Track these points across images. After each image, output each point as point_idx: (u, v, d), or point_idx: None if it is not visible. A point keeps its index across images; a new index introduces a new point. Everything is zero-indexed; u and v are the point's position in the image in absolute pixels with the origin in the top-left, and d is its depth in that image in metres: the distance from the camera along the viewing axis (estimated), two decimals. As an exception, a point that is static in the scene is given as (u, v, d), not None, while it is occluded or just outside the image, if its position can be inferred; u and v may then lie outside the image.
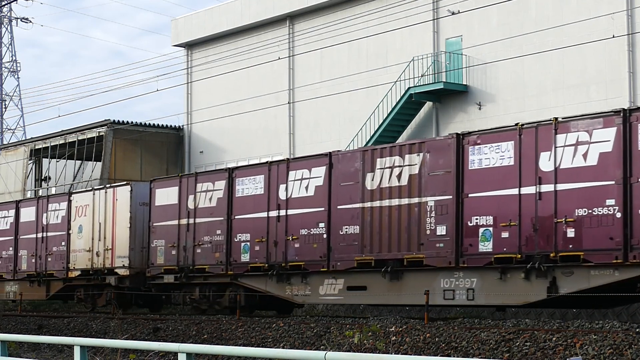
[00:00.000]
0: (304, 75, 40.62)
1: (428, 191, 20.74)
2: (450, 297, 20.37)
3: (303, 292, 23.51)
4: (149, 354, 19.51)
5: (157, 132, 46.41)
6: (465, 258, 19.97)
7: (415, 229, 20.89)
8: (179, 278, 26.67)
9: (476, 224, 19.78)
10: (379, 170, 21.74)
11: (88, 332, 25.94)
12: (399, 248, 21.21)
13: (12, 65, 75.93)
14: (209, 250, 25.80)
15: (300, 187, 23.53)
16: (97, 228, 30.09)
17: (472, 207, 19.89)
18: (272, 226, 24.05)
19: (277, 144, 41.56)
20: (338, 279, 22.66)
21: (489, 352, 16.60)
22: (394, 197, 21.37)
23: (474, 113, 34.40)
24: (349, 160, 22.56)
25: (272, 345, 20.30)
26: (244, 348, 12.17)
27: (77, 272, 30.88)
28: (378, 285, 21.74)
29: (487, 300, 19.99)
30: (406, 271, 21.23)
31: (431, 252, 20.58)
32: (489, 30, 34.02)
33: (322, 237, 22.80)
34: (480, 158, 19.91)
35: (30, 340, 19.18)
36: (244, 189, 25.08)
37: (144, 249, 28.59)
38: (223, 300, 25.91)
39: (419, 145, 21.14)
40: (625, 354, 14.90)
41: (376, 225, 21.69)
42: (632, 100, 30.14)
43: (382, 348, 17.62)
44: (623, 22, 30.35)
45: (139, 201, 28.93)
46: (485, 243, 19.60)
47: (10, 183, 50.09)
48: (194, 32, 46.17)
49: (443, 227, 20.34)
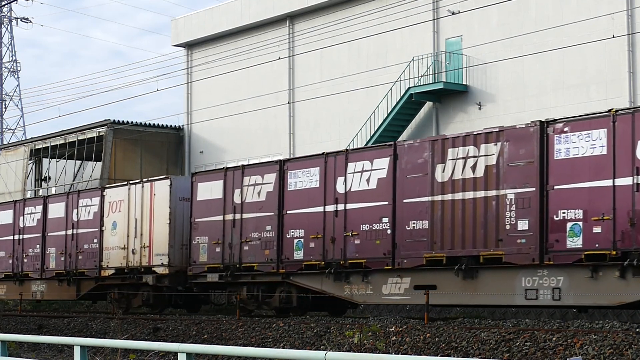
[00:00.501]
0: (304, 75, 40.62)
1: (507, 183, 19.38)
2: (533, 297, 19.02)
3: (364, 291, 22.08)
4: (149, 354, 19.51)
5: (157, 132, 46.42)
6: (550, 255, 18.61)
7: (493, 224, 19.54)
8: (224, 277, 25.12)
9: (563, 218, 18.46)
10: (450, 161, 20.33)
11: (88, 332, 25.94)
12: (474, 244, 19.84)
13: (12, 65, 75.96)
14: (258, 247, 24.35)
15: (361, 180, 22.09)
16: (132, 224, 28.63)
17: (559, 200, 18.52)
18: (329, 221, 22.65)
19: (277, 144, 41.56)
20: (404, 277, 21.23)
21: (489, 352, 16.59)
22: (468, 190, 20.01)
23: (474, 113, 34.40)
24: (417, 150, 21.10)
25: (272, 345, 20.29)
26: (244, 348, 12.17)
27: (110, 271, 29.35)
28: (450, 284, 20.37)
29: (576, 301, 18.64)
30: (482, 269, 19.87)
31: (511, 249, 19.20)
32: (489, 30, 34.02)
33: (386, 233, 21.40)
34: (568, 147, 18.56)
35: (30, 340, 19.18)
36: (297, 182, 23.58)
37: (184, 246, 27.10)
38: (273, 300, 24.46)
39: (496, 134, 19.74)
40: (625, 354, 14.89)
41: (448, 220, 20.31)
42: (632, 100, 30.14)
43: (382, 348, 17.62)
44: (623, 22, 30.35)
45: (178, 196, 27.42)
46: (573, 239, 18.31)
47: (10, 183, 50.09)
48: (194, 32, 46.18)
49: (525, 221, 19.02)
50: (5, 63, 75.68)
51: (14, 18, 75.79)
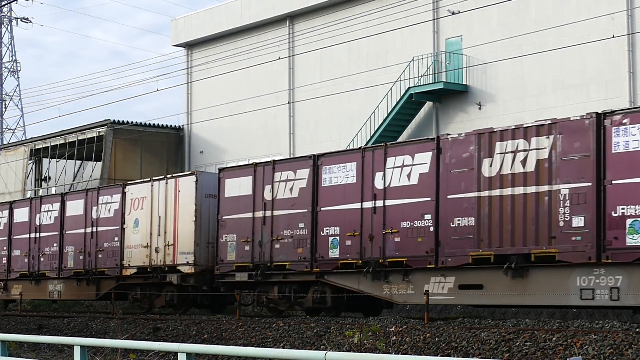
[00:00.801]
0: (304, 75, 40.62)
1: (561, 178, 18.54)
2: (589, 297, 18.18)
3: (404, 291, 21.25)
4: (149, 354, 19.50)
5: (157, 132, 46.43)
6: (608, 253, 17.74)
7: (545, 221, 18.69)
8: (254, 276, 24.28)
9: (622, 215, 17.60)
10: (498, 155, 19.50)
11: (88, 332, 25.92)
12: (525, 242, 19.00)
13: (12, 65, 75.98)
14: (290, 245, 23.49)
15: (401, 175, 21.27)
16: (156, 222, 27.71)
17: (617, 196, 17.68)
18: (366, 218, 21.82)
19: (277, 144, 41.57)
20: (447, 276, 20.39)
21: (489, 352, 16.58)
22: (517, 185, 19.20)
23: (474, 113, 34.41)
24: (461, 144, 20.26)
25: (272, 345, 20.28)
26: (244, 348, 12.16)
27: (132, 270, 28.49)
28: (497, 284, 19.55)
29: (636, 301, 17.71)
30: (533, 268, 19.04)
31: (565, 247, 18.34)
32: (489, 30, 34.03)
33: (429, 230, 20.58)
34: (627, 140, 17.76)
35: (30, 340, 19.15)
36: (332, 178, 22.75)
37: (210, 245, 26.27)
38: (306, 300, 23.61)
39: (548, 126, 18.86)
40: (625, 354, 14.89)
41: (496, 217, 19.47)
42: (632, 100, 30.14)
43: (382, 348, 17.61)
44: (623, 22, 30.35)
45: (204, 193, 26.57)
46: (634, 236, 17.46)
47: (10, 183, 50.10)
48: (194, 32, 46.19)
49: (580, 217, 18.16)
50: (5, 63, 75.70)
51: (14, 18, 75.82)
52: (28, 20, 76.13)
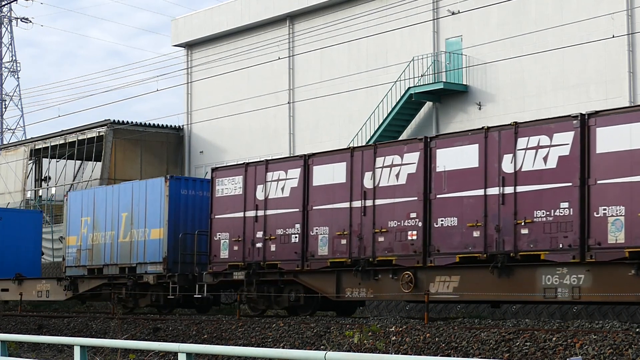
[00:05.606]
0: (304, 75, 40.63)
1: None
2: None
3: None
4: (149, 354, 19.51)
5: (157, 132, 46.43)
6: None
7: None
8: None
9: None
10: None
11: (88, 332, 25.92)
12: None
13: (12, 65, 76.05)
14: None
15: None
16: None
17: None
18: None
19: (277, 144, 41.57)
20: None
21: (489, 352, 16.59)
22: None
23: (474, 113, 34.41)
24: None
25: (272, 345, 20.28)
26: (244, 348, 12.16)
27: None
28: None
29: None
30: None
31: None
32: (488, 30, 34.04)
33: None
34: None
35: (30, 340, 19.17)
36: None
37: None
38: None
39: None
40: (625, 354, 14.89)
41: None
42: (632, 100, 30.15)
43: (382, 348, 17.61)
44: (623, 22, 30.36)
45: None
46: None
47: (10, 183, 50.12)
48: (194, 32, 46.19)
49: None
50: (5, 63, 75.75)
51: (13, 18, 75.87)
52: (28, 20, 76.22)
